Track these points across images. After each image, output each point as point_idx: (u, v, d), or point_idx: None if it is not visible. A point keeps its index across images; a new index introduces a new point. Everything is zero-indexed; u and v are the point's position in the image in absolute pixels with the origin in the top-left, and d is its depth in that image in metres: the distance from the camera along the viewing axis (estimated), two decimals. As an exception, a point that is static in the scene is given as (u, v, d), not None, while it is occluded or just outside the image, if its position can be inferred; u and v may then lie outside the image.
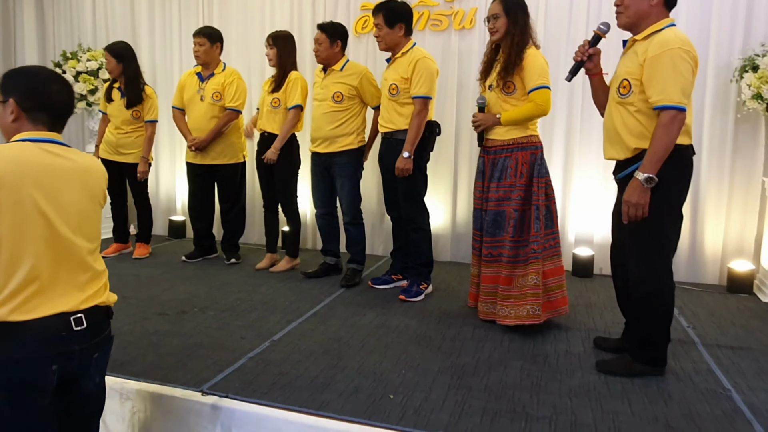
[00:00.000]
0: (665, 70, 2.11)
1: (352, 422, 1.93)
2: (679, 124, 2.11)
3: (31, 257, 1.43)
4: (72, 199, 1.51)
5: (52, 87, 1.56)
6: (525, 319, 2.75)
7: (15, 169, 1.42)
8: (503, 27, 2.76)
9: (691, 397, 2.16)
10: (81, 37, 5.24)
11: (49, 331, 1.44)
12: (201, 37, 3.85)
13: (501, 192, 2.81)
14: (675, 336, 2.74)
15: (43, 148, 1.50)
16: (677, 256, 3.78)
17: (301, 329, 2.81)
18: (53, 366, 1.45)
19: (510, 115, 2.78)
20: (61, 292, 1.48)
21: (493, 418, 1.97)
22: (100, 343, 1.57)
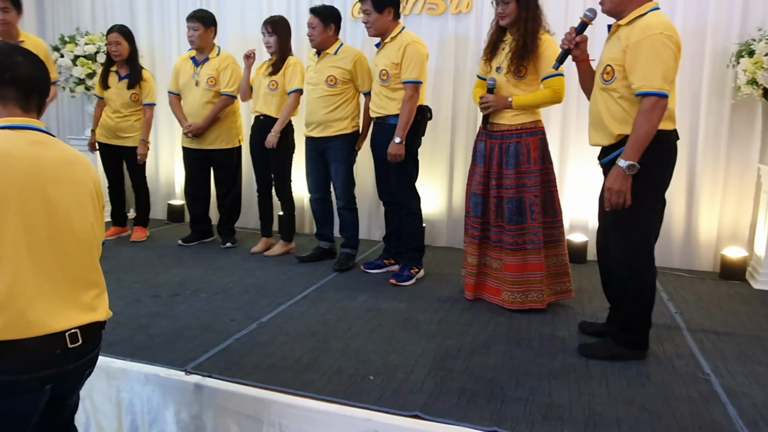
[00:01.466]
0: (647, 56, 2.09)
1: (330, 402, 1.96)
2: (660, 110, 2.10)
3: (19, 267, 1.27)
4: (61, 194, 1.35)
5: (15, 58, 1.38)
6: (561, 295, 2.94)
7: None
8: (513, 12, 2.73)
9: (670, 380, 2.17)
10: (79, 21, 5.26)
11: (43, 350, 1.30)
12: (195, 21, 3.85)
13: (518, 179, 2.81)
14: (661, 321, 2.76)
15: (27, 138, 1.34)
16: (671, 242, 3.81)
17: (290, 312, 2.85)
18: (46, 386, 1.33)
19: (523, 100, 2.78)
20: (54, 306, 1.32)
21: (469, 400, 2.00)
22: (93, 358, 1.45)
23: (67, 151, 1.42)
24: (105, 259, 1.56)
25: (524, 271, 2.84)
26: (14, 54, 1.40)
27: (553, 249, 2.92)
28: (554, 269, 2.93)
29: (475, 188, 2.97)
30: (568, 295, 2.97)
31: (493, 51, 2.89)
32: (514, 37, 2.77)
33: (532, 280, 2.84)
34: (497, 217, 2.90)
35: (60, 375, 1.34)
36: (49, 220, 1.33)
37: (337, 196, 3.64)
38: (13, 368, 1.27)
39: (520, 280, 2.85)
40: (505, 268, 2.88)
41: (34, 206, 1.30)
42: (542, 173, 2.85)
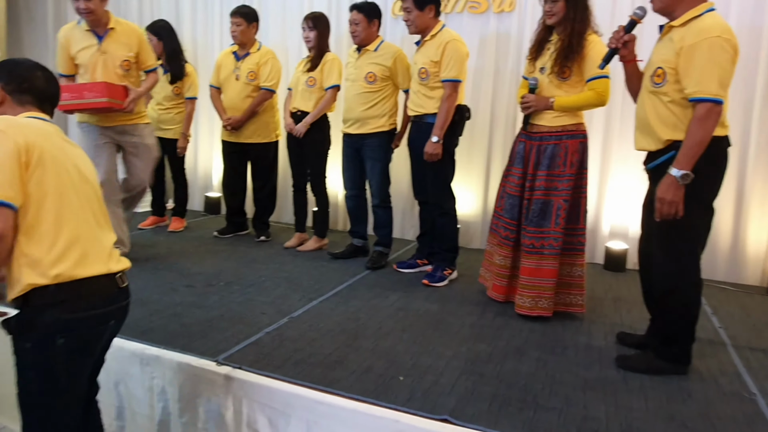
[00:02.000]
0: (703, 60, 2.00)
1: (359, 401, 1.94)
2: (715, 117, 2.01)
3: (74, 218, 1.53)
4: (77, 161, 1.62)
5: (35, 73, 1.67)
6: (570, 307, 2.82)
7: (41, 136, 1.52)
8: (561, 11, 2.66)
9: (713, 398, 2.08)
10: (126, 15, 5.38)
11: (106, 288, 1.57)
12: (238, 17, 3.89)
13: (550, 181, 2.73)
14: (705, 336, 2.65)
15: (44, 122, 1.62)
16: (717, 254, 3.66)
17: (321, 308, 2.85)
18: (111, 322, 1.60)
19: (565, 102, 2.70)
20: (104, 251, 1.59)
21: (501, 406, 1.96)
22: (127, 306, 1.69)
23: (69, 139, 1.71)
24: (143, 247, 1.66)
25: (537, 275, 2.76)
26: (35, 69, 1.68)
27: (570, 257, 2.80)
28: (567, 279, 2.81)
29: (511, 190, 2.90)
30: (578, 309, 2.83)
31: (538, 50, 2.82)
32: (560, 36, 2.69)
33: (544, 287, 2.75)
34: (526, 219, 2.84)
35: (120, 311, 1.63)
36: (79, 178, 1.59)
37: (372, 193, 3.62)
38: (91, 303, 1.53)
39: (531, 284, 2.77)
40: (521, 271, 2.81)
41: (65, 164, 1.55)
42: (576, 178, 2.75)
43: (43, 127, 1.58)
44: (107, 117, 3.27)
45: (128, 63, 3.26)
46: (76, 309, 1.50)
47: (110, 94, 3.06)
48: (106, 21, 3.18)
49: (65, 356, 1.49)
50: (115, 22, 3.23)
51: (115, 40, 3.21)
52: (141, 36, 3.34)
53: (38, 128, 1.56)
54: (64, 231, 1.49)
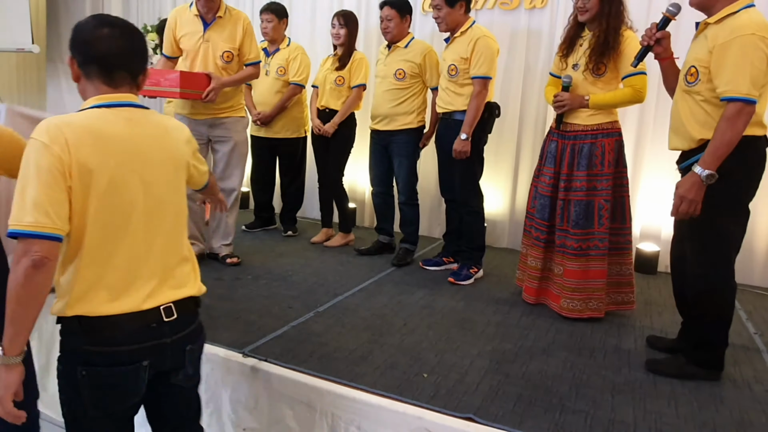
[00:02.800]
0: (735, 59, 1.93)
1: (383, 396, 1.95)
2: (745, 117, 1.94)
3: (122, 244, 1.29)
4: (157, 173, 1.34)
5: (100, 31, 1.29)
6: (621, 305, 2.82)
7: (92, 146, 1.23)
8: (595, 8, 2.60)
9: (746, 406, 2.02)
10: (161, 11, 5.49)
11: (139, 322, 1.31)
12: (269, 13, 3.92)
13: (589, 181, 2.69)
14: (739, 342, 2.58)
15: (122, 116, 1.31)
16: (753, 257, 3.56)
17: (346, 303, 2.86)
18: (144, 362, 1.31)
19: (601, 99, 2.64)
20: (151, 280, 1.33)
21: (526, 407, 1.93)
22: (192, 334, 1.41)
23: (157, 124, 1.38)
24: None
25: (586, 278, 2.72)
26: (100, 27, 1.30)
27: (618, 257, 2.78)
28: (616, 278, 2.79)
29: (543, 190, 2.86)
30: (629, 306, 2.82)
31: (569, 47, 2.77)
32: (594, 33, 2.64)
33: (594, 288, 2.72)
34: (562, 220, 2.78)
35: (157, 349, 1.33)
36: (146, 200, 1.31)
37: (399, 190, 3.62)
38: (115, 340, 1.29)
39: (581, 287, 2.73)
40: (566, 274, 2.76)
41: (129, 186, 1.28)
42: (615, 177, 2.72)
43: (104, 128, 1.26)
44: (201, 108, 3.13)
45: (230, 54, 3.11)
46: (98, 343, 1.28)
47: (185, 84, 2.88)
48: (216, 8, 3.06)
49: (90, 390, 1.29)
50: (225, 11, 3.10)
51: (219, 30, 3.08)
52: (248, 28, 3.16)
53: (96, 131, 1.25)
54: (99, 269, 1.27)
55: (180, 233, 1.42)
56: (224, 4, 3.12)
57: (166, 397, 1.44)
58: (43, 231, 1.17)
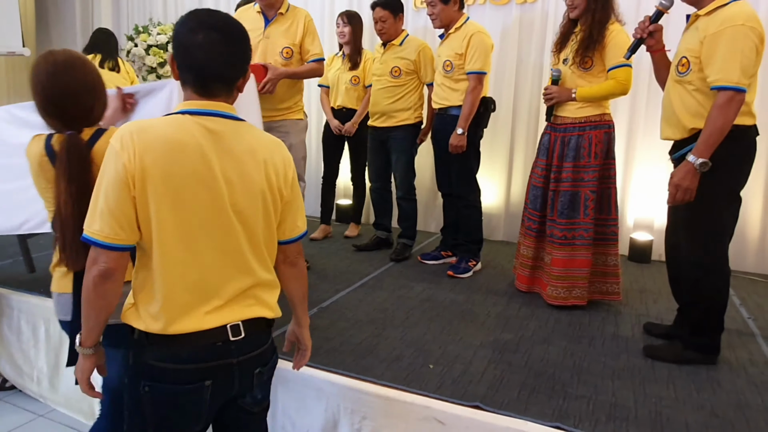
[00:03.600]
0: (725, 48, 1.99)
1: (391, 387, 1.99)
2: (736, 105, 2.00)
3: (188, 258, 1.22)
4: (233, 191, 1.24)
5: (195, 37, 1.19)
6: (606, 295, 2.86)
7: (161, 154, 1.16)
8: (583, 3, 2.66)
9: (743, 388, 2.08)
10: (152, 11, 5.48)
11: (204, 340, 1.24)
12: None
13: (576, 172, 2.75)
14: (734, 327, 2.65)
15: (201, 123, 1.21)
16: (746, 244, 3.63)
17: (348, 298, 2.90)
18: (206, 382, 1.24)
19: (587, 92, 2.70)
20: (217, 299, 1.26)
21: (530, 394, 1.99)
22: (262, 355, 1.34)
23: (243, 140, 1.26)
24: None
25: (571, 266, 2.78)
26: (198, 32, 1.20)
27: (603, 247, 2.83)
28: (602, 268, 2.84)
29: (536, 181, 2.92)
30: (615, 297, 2.87)
31: (562, 43, 2.82)
32: (582, 27, 2.69)
33: (577, 276, 2.77)
34: (552, 211, 2.85)
35: (221, 368, 1.26)
36: (217, 216, 1.22)
37: (396, 185, 3.66)
38: (177, 357, 1.23)
39: (565, 275, 2.79)
40: (552, 263, 2.82)
41: (197, 200, 1.20)
42: (602, 168, 2.76)
43: (177, 136, 1.18)
44: None
45: (289, 51, 2.99)
46: (163, 359, 1.23)
47: None
48: (278, 5, 2.98)
49: (151, 408, 1.25)
50: (287, 8, 3.01)
51: (280, 26, 2.99)
52: (309, 24, 3.05)
53: (169, 139, 1.17)
54: (167, 281, 1.21)
55: (256, 253, 1.30)
56: (287, 2, 3.02)
57: (234, 422, 1.39)
58: (108, 242, 1.17)
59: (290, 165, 1.35)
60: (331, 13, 4.64)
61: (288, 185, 1.34)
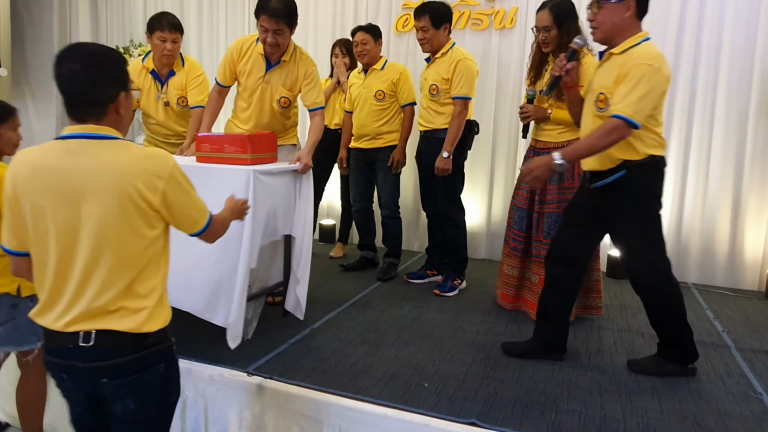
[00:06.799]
0: (631, 83, 2.12)
1: (388, 407, 2.03)
2: (618, 136, 2.12)
3: (46, 268, 1.38)
4: (86, 206, 1.33)
5: (60, 69, 1.34)
6: (589, 310, 2.97)
7: (25, 177, 1.35)
8: (555, 40, 2.78)
9: (722, 398, 2.19)
10: (132, 32, 5.49)
11: (58, 340, 1.39)
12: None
13: (561, 194, 2.85)
14: (709, 340, 2.78)
15: (62, 147, 1.35)
16: (715, 260, 3.80)
17: (339, 319, 2.94)
18: (63, 374, 1.43)
19: (562, 114, 2.80)
20: (73, 308, 1.36)
21: (524, 410, 2.05)
22: (112, 368, 1.39)
23: (103, 156, 1.34)
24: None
25: None
26: (59, 65, 1.34)
27: (596, 263, 2.97)
28: (585, 283, 2.93)
29: (520, 203, 3.02)
30: (598, 311, 2.98)
31: (537, 74, 2.95)
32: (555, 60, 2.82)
33: None
34: (537, 232, 2.94)
35: (69, 369, 1.40)
36: (65, 230, 1.34)
37: (382, 205, 3.72)
38: (46, 348, 1.45)
39: None
40: (541, 282, 2.90)
41: (47, 215, 1.34)
42: None
43: (40, 161, 1.35)
44: None
45: (286, 101, 2.96)
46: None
47: (255, 148, 2.61)
48: (283, 52, 2.87)
49: None
50: (291, 55, 2.89)
51: (281, 74, 2.90)
52: (312, 75, 2.94)
53: (33, 163, 1.36)
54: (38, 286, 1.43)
55: (121, 269, 1.36)
56: (292, 46, 2.89)
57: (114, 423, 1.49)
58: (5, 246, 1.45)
59: (173, 179, 1.40)
60: (314, 34, 4.73)
61: (168, 201, 1.40)
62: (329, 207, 4.70)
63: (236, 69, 2.96)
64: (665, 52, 3.73)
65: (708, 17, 3.71)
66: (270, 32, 2.73)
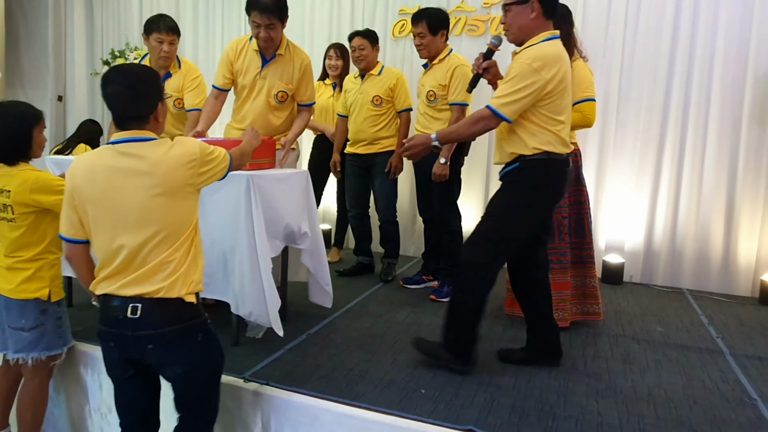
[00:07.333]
0: (506, 79, 2.21)
1: (385, 413, 2.03)
2: (484, 126, 2.27)
3: (104, 245, 1.65)
4: (131, 197, 1.61)
5: (105, 91, 1.65)
6: (588, 315, 2.98)
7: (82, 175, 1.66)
8: None
9: (717, 404, 2.20)
10: (128, 36, 5.48)
11: (111, 311, 1.64)
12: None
13: None
14: (704, 345, 2.79)
15: (112, 149, 1.65)
16: (709, 266, 3.83)
17: (336, 324, 2.93)
18: (110, 343, 1.68)
19: None
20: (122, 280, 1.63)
21: (521, 416, 2.06)
22: (159, 337, 1.63)
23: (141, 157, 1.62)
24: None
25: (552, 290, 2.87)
26: (104, 86, 1.64)
27: (581, 270, 2.96)
28: (581, 290, 2.97)
29: None
30: (597, 317, 2.99)
31: None
32: None
33: (558, 299, 2.85)
34: None
35: (119, 338, 1.66)
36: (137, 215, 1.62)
37: (380, 209, 3.73)
38: (101, 318, 1.69)
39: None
40: None
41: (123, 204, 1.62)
42: (574, 194, 2.89)
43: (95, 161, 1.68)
44: None
45: (284, 95, 2.98)
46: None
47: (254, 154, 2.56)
48: (277, 46, 2.91)
49: None
50: (286, 49, 2.94)
51: (277, 68, 2.93)
52: (307, 69, 3.01)
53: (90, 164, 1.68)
54: None
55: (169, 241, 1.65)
56: (285, 41, 2.95)
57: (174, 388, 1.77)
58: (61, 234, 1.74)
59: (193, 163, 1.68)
60: (310, 40, 4.74)
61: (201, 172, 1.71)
62: (324, 212, 4.69)
63: (233, 68, 2.98)
64: (659, 61, 3.82)
65: (701, 25, 3.75)
66: (262, 27, 2.78)
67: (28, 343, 2.10)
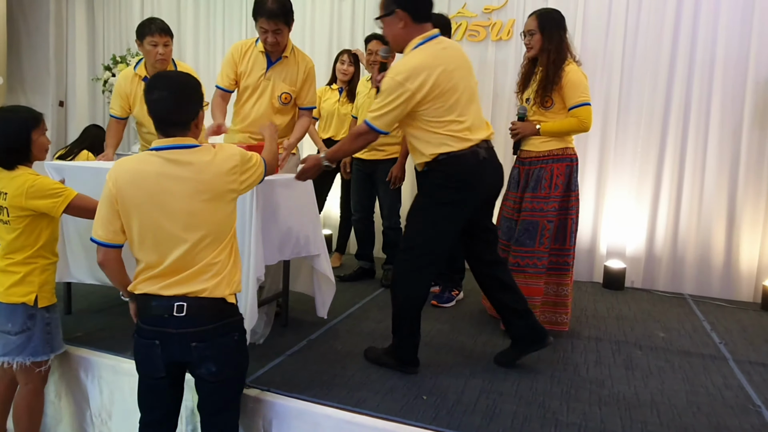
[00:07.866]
0: (380, 94, 2.28)
1: (387, 420, 2.02)
2: (363, 139, 2.35)
3: (149, 248, 1.70)
4: (180, 202, 1.69)
5: (149, 97, 1.71)
6: (555, 325, 2.90)
7: (129, 182, 1.70)
8: (538, 44, 2.81)
9: (720, 411, 2.19)
10: (129, 42, 5.48)
11: (154, 310, 1.70)
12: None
13: (535, 203, 2.86)
14: (707, 352, 2.78)
15: (159, 155, 1.70)
16: (711, 271, 3.82)
17: (337, 329, 2.92)
18: (155, 340, 1.70)
19: (550, 127, 2.83)
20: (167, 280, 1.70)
21: (523, 423, 2.04)
22: (202, 334, 1.70)
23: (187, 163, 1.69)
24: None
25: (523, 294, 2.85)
26: (148, 93, 1.70)
27: (556, 277, 2.90)
28: (553, 298, 2.91)
29: (508, 213, 3.03)
30: (562, 327, 2.92)
31: (525, 83, 2.97)
32: (540, 68, 2.84)
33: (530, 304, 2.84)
34: (513, 239, 2.95)
35: (163, 336, 1.70)
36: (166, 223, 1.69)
37: (384, 215, 3.72)
38: (142, 317, 1.74)
39: None
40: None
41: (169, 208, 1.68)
42: (562, 199, 2.85)
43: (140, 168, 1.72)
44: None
45: (288, 96, 3.01)
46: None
47: None
48: (283, 49, 2.95)
49: None
50: (291, 51, 2.97)
51: (282, 70, 2.96)
52: (310, 73, 3.04)
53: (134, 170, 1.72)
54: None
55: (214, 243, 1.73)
56: (291, 44, 2.98)
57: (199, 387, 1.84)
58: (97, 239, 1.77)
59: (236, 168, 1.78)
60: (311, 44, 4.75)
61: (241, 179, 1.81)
62: (326, 217, 4.69)
63: (238, 70, 2.99)
64: (659, 67, 3.82)
65: (701, 30, 3.76)
66: (269, 33, 2.81)
67: (15, 347, 2.09)
